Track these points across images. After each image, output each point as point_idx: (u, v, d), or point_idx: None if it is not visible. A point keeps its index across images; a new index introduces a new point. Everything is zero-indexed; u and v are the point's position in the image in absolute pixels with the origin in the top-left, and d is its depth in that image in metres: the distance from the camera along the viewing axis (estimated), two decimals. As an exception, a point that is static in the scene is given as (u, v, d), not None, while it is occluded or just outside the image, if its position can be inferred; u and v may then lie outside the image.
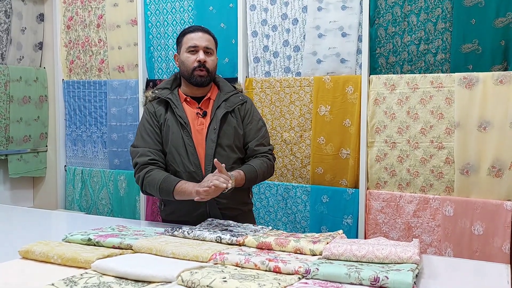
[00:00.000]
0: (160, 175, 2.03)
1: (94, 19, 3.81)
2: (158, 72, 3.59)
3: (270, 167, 2.18)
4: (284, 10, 3.14)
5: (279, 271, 1.36)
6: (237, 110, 2.16)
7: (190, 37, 2.13)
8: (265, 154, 2.17)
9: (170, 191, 1.98)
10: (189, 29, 2.17)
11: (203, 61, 2.09)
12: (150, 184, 2.04)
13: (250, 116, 2.19)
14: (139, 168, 2.09)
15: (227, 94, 2.17)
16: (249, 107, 2.21)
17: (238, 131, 2.14)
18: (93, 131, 3.86)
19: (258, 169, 2.09)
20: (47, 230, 2.29)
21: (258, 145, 2.17)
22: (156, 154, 2.10)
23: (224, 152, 2.08)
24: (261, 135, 2.19)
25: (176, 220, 2.10)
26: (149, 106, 2.19)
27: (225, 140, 2.10)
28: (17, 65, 3.82)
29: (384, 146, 2.88)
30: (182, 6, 3.46)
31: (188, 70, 2.11)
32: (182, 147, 2.07)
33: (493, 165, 2.60)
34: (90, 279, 1.32)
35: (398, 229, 2.83)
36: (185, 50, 2.12)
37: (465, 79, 2.65)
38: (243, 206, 2.20)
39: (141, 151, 2.10)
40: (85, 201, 3.89)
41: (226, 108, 2.12)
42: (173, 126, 2.10)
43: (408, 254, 1.40)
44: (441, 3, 2.73)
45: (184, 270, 1.32)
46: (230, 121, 2.13)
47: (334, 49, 3.00)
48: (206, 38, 2.14)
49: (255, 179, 2.11)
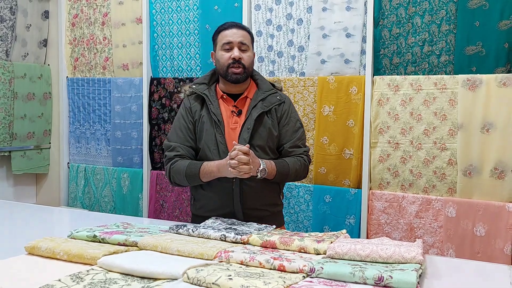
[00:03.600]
0: (184, 163, 2.05)
1: (99, 16, 3.82)
2: (162, 71, 3.60)
3: (304, 167, 2.14)
4: (289, 10, 3.15)
5: (284, 269, 1.37)
6: (273, 110, 2.11)
7: (224, 34, 2.09)
8: (300, 155, 2.13)
9: (196, 174, 1.99)
10: (224, 26, 2.13)
11: (238, 58, 2.05)
12: (176, 174, 2.06)
13: (287, 117, 2.14)
14: (167, 161, 2.12)
15: (265, 93, 2.12)
16: (287, 108, 2.15)
17: (273, 132, 2.09)
18: (96, 128, 3.87)
19: (290, 165, 2.07)
20: (51, 226, 2.30)
21: (293, 147, 2.12)
22: (186, 149, 2.10)
23: (256, 153, 2.02)
24: (297, 137, 2.14)
25: (204, 216, 2.08)
26: (185, 101, 2.18)
27: (258, 141, 2.06)
28: (21, 62, 3.83)
29: (387, 146, 2.88)
30: (187, 5, 3.47)
31: (223, 68, 2.08)
32: (214, 144, 2.06)
33: (495, 167, 2.61)
34: (96, 275, 1.33)
35: (400, 229, 2.84)
36: (220, 48, 2.09)
37: (468, 81, 2.66)
38: (272, 208, 2.15)
39: (172, 145, 2.12)
40: (88, 198, 3.90)
41: (262, 108, 2.07)
42: (207, 122, 2.08)
43: (412, 254, 1.40)
44: (446, 5, 2.74)
45: (190, 268, 1.33)
46: (265, 121, 2.08)
47: (339, 49, 3.01)
48: (240, 33, 2.09)
49: (286, 174, 2.07)
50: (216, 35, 2.14)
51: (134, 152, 3.71)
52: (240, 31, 2.10)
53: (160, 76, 3.60)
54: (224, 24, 2.15)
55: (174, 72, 3.55)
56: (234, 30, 2.09)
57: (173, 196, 3.55)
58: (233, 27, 2.10)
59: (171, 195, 3.55)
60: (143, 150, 3.65)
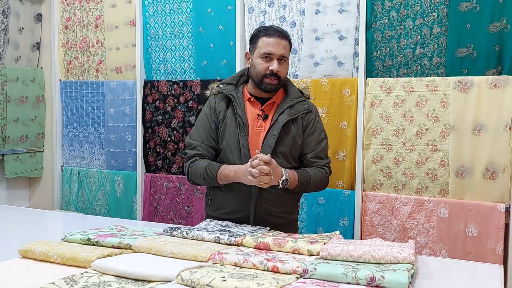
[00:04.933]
0: (203, 162, 2.03)
1: (92, 19, 3.82)
2: (156, 73, 3.60)
3: (324, 179, 2.11)
4: (282, 13, 3.16)
5: (277, 270, 1.38)
6: (300, 118, 2.07)
7: (266, 41, 2.01)
8: (322, 167, 2.10)
9: (213, 176, 1.98)
10: (267, 32, 2.03)
11: (277, 71, 2.00)
12: (194, 173, 2.04)
13: (312, 127, 2.10)
14: (187, 159, 2.10)
15: (293, 100, 2.07)
16: (313, 117, 2.11)
17: (297, 141, 2.06)
18: (90, 131, 3.87)
19: (312, 176, 2.04)
20: (44, 230, 2.30)
21: (315, 158, 2.09)
22: (206, 149, 2.07)
23: (279, 160, 1.99)
24: (320, 148, 2.10)
25: (219, 218, 2.06)
26: (211, 100, 2.14)
27: (282, 148, 2.02)
28: (14, 65, 3.82)
29: (380, 148, 2.90)
30: (181, 7, 3.48)
31: (258, 76, 2.03)
32: (237, 147, 2.02)
33: (487, 168, 2.64)
34: (90, 278, 1.33)
35: (393, 230, 2.86)
36: (259, 55, 2.02)
37: (460, 82, 2.68)
38: (289, 215, 2.13)
39: (193, 143, 2.09)
40: (82, 201, 3.90)
41: (289, 115, 2.03)
42: (231, 124, 2.05)
43: (404, 254, 1.42)
44: (437, 7, 2.77)
45: (184, 270, 1.33)
46: (291, 129, 2.04)
47: (331, 52, 3.03)
48: (282, 45, 2.02)
49: (307, 185, 2.04)
50: (256, 38, 2.05)
51: (128, 155, 3.71)
52: (283, 42, 2.02)
53: (154, 79, 3.60)
54: (268, 29, 2.06)
55: (168, 74, 3.55)
56: (277, 39, 2.01)
57: (167, 199, 3.55)
58: (276, 36, 2.01)
59: (165, 198, 3.55)
60: (137, 153, 3.65)
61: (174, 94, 3.49)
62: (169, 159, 3.55)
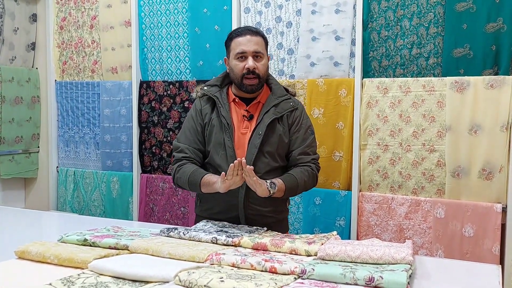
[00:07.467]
0: (190, 168, 2.02)
1: (88, 20, 3.80)
2: (151, 74, 3.59)
3: (312, 177, 2.07)
4: (278, 13, 3.16)
5: (275, 271, 1.38)
6: (285, 117, 2.06)
7: (238, 41, 2.01)
8: (307, 163, 2.07)
9: (197, 183, 1.96)
10: (236, 32, 2.05)
11: (253, 68, 1.99)
12: (180, 177, 2.03)
13: (298, 124, 2.08)
14: (174, 162, 2.09)
15: (278, 99, 2.06)
16: (299, 115, 2.10)
17: (283, 139, 2.05)
18: (85, 132, 3.85)
19: (298, 179, 2.01)
20: (40, 231, 2.29)
21: (301, 154, 2.07)
22: (193, 152, 2.07)
23: (265, 159, 2.00)
24: (306, 144, 2.08)
25: (208, 218, 2.05)
26: (197, 103, 2.14)
27: (268, 147, 2.01)
28: (9, 66, 3.80)
29: (376, 148, 2.90)
30: (176, 8, 3.47)
31: (237, 78, 2.02)
32: (222, 148, 2.02)
33: (483, 168, 2.64)
34: (87, 279, 1.32)
35: (390, 231, 2.86)
36: (234, 57, 2.02)
37: (456, 83, 2.69)
38: (278, 214, 2.11)
39: (181, 146, 2.09)
40: (77, 202, 3.88)
41: (274, 114, 2.02)
42: (217, 126, 2.04)
43: (402, 255, 1.42)
44: (433, 8, 2.77)
45: (181, 270, 1.33)
46: (276, 128, 2.03)
47: (328, 52, 3.03)
48: (254, 41, 2.00)
49: (295, 189, 2.02)
50: (229, 41, 2.07)
51: (124, 155, 3.69)
52: (254, 38, 2.01)
53: (150, 79, 3.59)
54: (237, 29, 2.08)
55: (164, 75, 3.54)
56: (248, 36, 2.01)
57: (163, 199, 3.53)
58: (247, 33, 2.01)
59: (161, 199, 3.54)
60: (133, 154, 3.64)
61: (170, 95, 3.48)
62: (165, 160, 3.54)
